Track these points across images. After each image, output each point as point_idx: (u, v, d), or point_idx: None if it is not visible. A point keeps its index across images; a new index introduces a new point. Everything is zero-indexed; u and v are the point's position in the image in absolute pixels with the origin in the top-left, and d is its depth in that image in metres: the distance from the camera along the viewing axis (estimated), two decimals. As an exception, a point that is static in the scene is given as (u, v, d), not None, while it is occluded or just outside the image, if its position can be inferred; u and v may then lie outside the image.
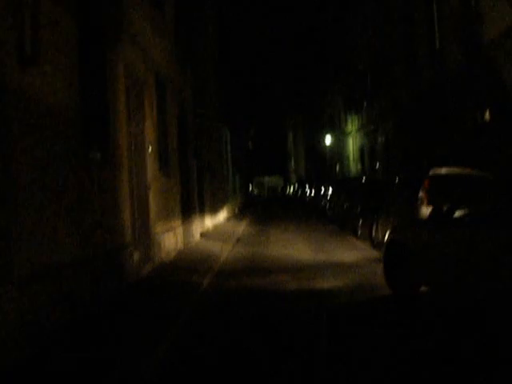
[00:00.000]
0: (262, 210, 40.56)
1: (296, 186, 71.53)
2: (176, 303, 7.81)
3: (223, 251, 14.31)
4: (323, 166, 57.11)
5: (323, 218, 26.15)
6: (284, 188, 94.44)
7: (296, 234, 19.12)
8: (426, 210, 9.79)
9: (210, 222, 22.00)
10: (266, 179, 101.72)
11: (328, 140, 44.43)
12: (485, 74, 14.99)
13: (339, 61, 42.76)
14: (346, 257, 12.35)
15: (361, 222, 15.54)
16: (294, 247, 14.84)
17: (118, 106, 9.16)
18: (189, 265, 11.57)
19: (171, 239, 13.00)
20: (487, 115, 15.13)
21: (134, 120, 10.71)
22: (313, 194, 40.46)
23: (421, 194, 9.96)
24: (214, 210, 24.08)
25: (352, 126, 39.75)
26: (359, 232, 15.70)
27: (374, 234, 13.44)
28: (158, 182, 11.85)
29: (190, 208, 16.61)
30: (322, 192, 30.99)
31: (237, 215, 33.56)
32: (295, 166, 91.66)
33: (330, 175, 49.70)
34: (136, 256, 9.91)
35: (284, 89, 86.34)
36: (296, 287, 9.00)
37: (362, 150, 36.41)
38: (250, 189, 74.68)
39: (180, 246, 14.11)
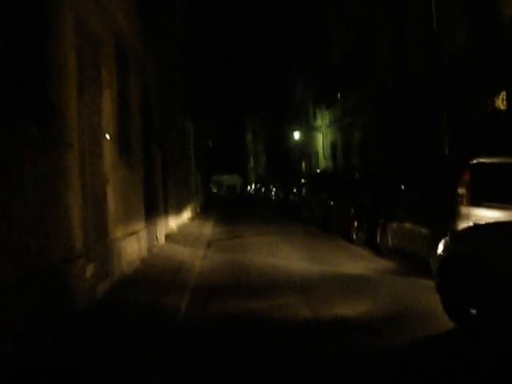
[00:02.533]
0: (226, 209, 38.21)
1: (257, 184, 69.62)
2: (146, 356, 5.02)
3: (194, 258, 11.94)
4: (287, 164, 55.17)
5: (296, 218, 23.97)
6: (243, 187, 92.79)
7: (274, 236, 16.83)
8: (468, 211, 7.64)
9: (174, 222, 19.56)
10: (225, 177, 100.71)
11: (296, 136, 42.26)
12: (499, 56, 12.98)
13: (307, 51, 40.66)
14: (351, 268, 10.11)
15: (356, 224, 13.35)
16: (278, 254, 12.54)
17: (66, 69, 6.69)
18: (157, 279, 9.15)
19: (134, 245, 10.56)
20: (500, 101, 13.11)
21: (89, 93, 8.25)
22: (279, 193, 38.39)
23: (460, 189, 7.76)
24: (179, 210, 21.62)
25: (322, 120, 37.72)
26: (354, 236, 13.50)
27: (379, 239, 11.26)
28: (118, 174, 9.40)
29: (154, 207, 14.15)
30: (294, 190, 28.85)
31: (200, 215, 31.15)
32: (255, 164, 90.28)
33: (295, 173, 47.74)
34: (89, 270, 7.46)
35: (244, 84, 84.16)
36: (310, 315, 6.64)
37: (334, 146, 34.40)
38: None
39: (144, 252, 11.67)
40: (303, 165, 46.86)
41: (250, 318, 6.61)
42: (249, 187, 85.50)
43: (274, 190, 44.35)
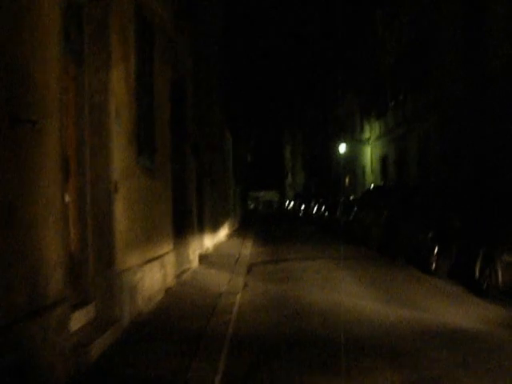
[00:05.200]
0: (265, 226, 35.66)
1: (296, 200, 66.94)
2: None
3: (233, 290, 9.46)
4: (328, 180, 52.44)
5: (345, 238, 21.17)
6: (281, 203, 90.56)
7: (326, 261, 14.22)
8: None
9: (209, 240, 17.15)
10: (261, 194, 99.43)
11: (342, 148, 39.46)
12: None
13: (354, 57, 38.03)
14: (448, 315, 7.38)
15: (436, 250, 10.65)
16: (338, 287, 9.92)
17: (40, 17, 4.33)
18: (182, 325, 6.67)
19: (156, 274, 8.12)
20: None
21: (90, 62, 5.89)
22: (322, 210, 35.66)
23: None
24: (215, 226, 19.20)
25: (371, 132, 34.96)
26: (433, 265, 10.79)
27: (478, 273, 8.57)
28: (134, 182, 7.00)
29: (186, 223, 11.76)
30: (340, 208, 26.15)
31: (238, 232, 28.68)
32: (292, 180, 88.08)
33: (339, 189, 44.97)
34: (79, 319, 5.05)
35: (283, 100, 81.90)
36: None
37: (384, 159, 31.62)
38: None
39: (171, 280, 9.25)
40: (346, 180, 44.13)
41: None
42: (286, 203, 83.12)
43: (316, 206, 41.60)
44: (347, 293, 9.29)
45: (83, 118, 5.76)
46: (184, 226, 11.55)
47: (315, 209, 41.28)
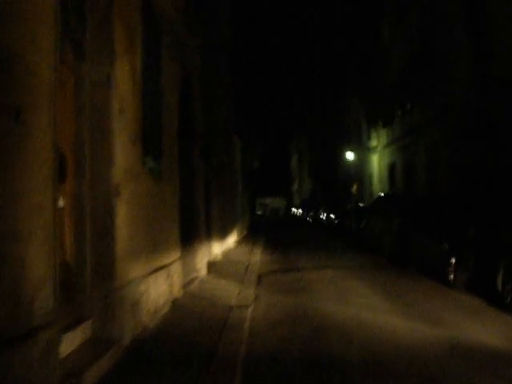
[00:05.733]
0: (273, 233, 34.94)
1: (304, 207, 66.32)
2: None
3: (244, 302, 8.86)
4: (337, 187, 51.76)
5: (355, 246, 20.52)
6: (288, 209, 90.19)
7: (339, 270, 13.57)
8: None
9: (218, 247, 16.56)
10: (268, 200, 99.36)
11: (350, 156, 38.89)
12: None
13: (361, 64, 37.43)
14: (478, 333, 6.75)
15: (454, 260, 10.02)
16: (356, 300, 9.27)
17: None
18: (189, 344, 6.05)
19: (162, 286, 7.53)
20: None
21: (92, 52, 5.33)
22: (331, 217, 35.03)
23: None
24: (224, 233, 18.59)
25: (378, 140, 34.32)
26: (451, 276, 10.15)
27: (501, 285, 7.97)
28: (138, 185, 6.42)
29: (193, 230, 11.18)
30: (351, 215, 25.50)
31: (247, 238, 28.04)
32: (299, 187, 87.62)
33: (346, 197, 44.29)
34: (72, 340, 4.47)
35: (290, 107, 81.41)
36: None
37: (391, 167, 30.95)
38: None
39: (177, 291, 8.66)
40: (354, 188, 43.46)
41: None
42: (293, 210, 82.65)
43: (324, 213, 40.91)
44: (365, 306, 8.66)
45: (83, 113, 5.19)
46: (192, 233, 10.98)
47: (324, 216, 40.65)
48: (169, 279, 8.10)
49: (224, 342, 6.05)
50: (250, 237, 29.26)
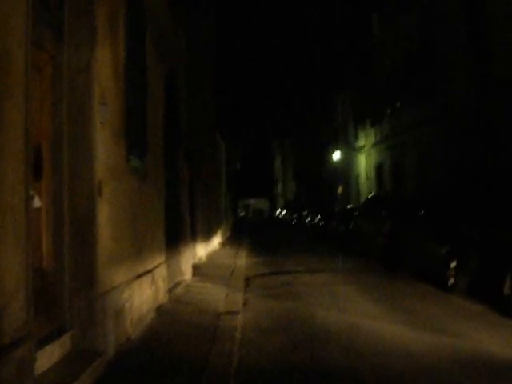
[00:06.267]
0: (257, 235, 34.56)
1: (289, 209, 65.98)
2: None
3: (232, 308, 8.42)
4: (322, 189, 51.42)
5: (343, 249, 20.04)
6: (272, 211, 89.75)
7: (329, 274, 13.15)
8: None
9: (203, 250, 16.13)
10: (252, 201, 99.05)
11: (336, 156, 38.58)
12: None
13: (349, 63, 37.16)
14: (487, 343, 6.32)
15: (454, 266, 9.64)
16: (351, 306, 8.85)
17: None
18: (177, 355, 5.59)
19: (146, 291, 7.06)
20: None
21: (69, 37, 4.86)
22: (316, 219, 34.60)
23: None
24: (208, 235, 18.15)
25: (366, 140, 34.00)
26: (451, 281, 9.77)
27: (506, 292, 7.60)
28: (121, 184, 5.94)
29: (178, 232, 10.72)
30: (337, 217, 25.09)
31: (230, 240, 27.61)
32: (283, 189, 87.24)
33: (331, 198, 44.00)
34: (51, 355, 4.00)
35: (273, 107, 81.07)
36: None
37: (379, 168, 30.66)
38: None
39: (162, 297, 8.19)
40: (339, 190, 43.10)
41: None
42: (277, 212, 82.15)
43: (309, 215, 40.50)
44: (360, 313, 8.26)
45: (61, 103, 4.72)
46: (177, 235, 10.51)
47: (309, 218, 40.25)
48: (154, 284, 7.63)
49: (214, 355, 5.59)
50: (234, 238, 28.82)
